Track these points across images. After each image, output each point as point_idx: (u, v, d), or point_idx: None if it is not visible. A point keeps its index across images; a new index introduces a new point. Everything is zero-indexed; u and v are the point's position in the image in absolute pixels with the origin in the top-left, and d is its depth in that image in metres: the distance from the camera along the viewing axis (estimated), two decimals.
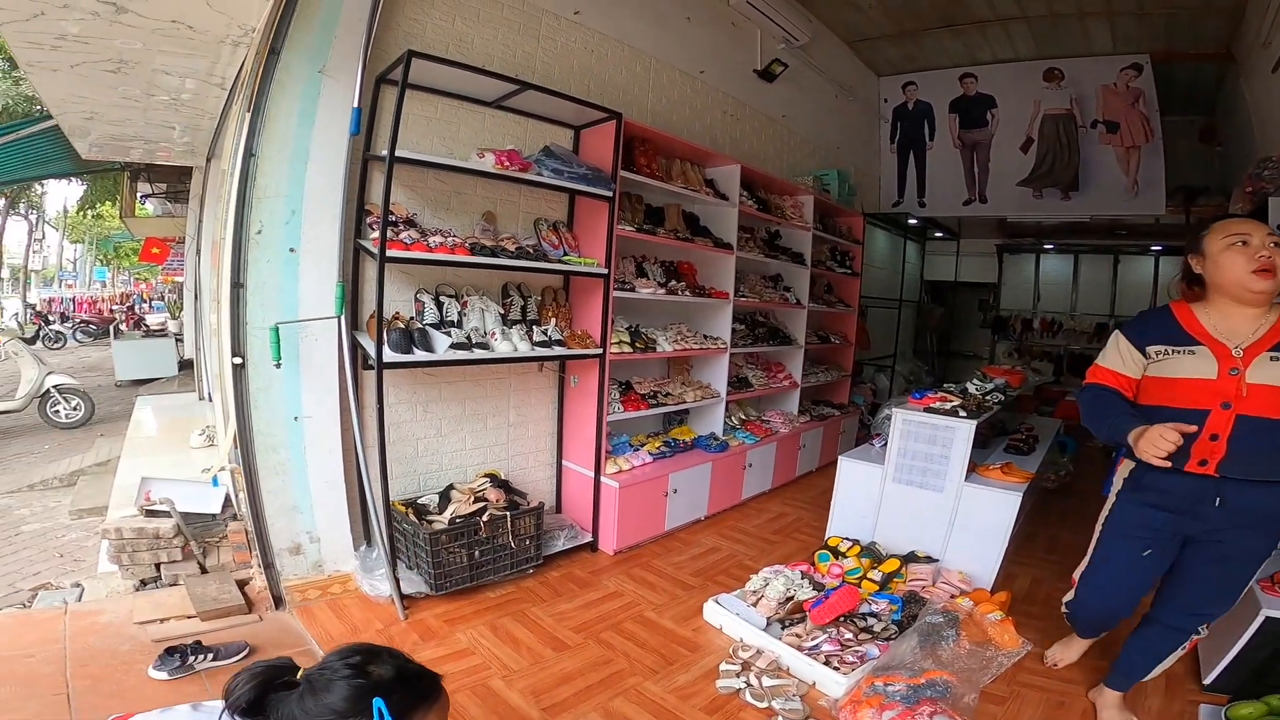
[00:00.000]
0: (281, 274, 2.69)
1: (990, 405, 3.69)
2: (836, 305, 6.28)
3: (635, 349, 3.87)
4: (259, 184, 2.65)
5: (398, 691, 1.07)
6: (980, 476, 3.47)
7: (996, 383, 4.10)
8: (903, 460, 3.57)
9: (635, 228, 3.80)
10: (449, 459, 3.53)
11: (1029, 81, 6.50)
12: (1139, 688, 2.55)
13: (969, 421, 3.33)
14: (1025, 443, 4.26)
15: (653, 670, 2.60)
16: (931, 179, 7.30)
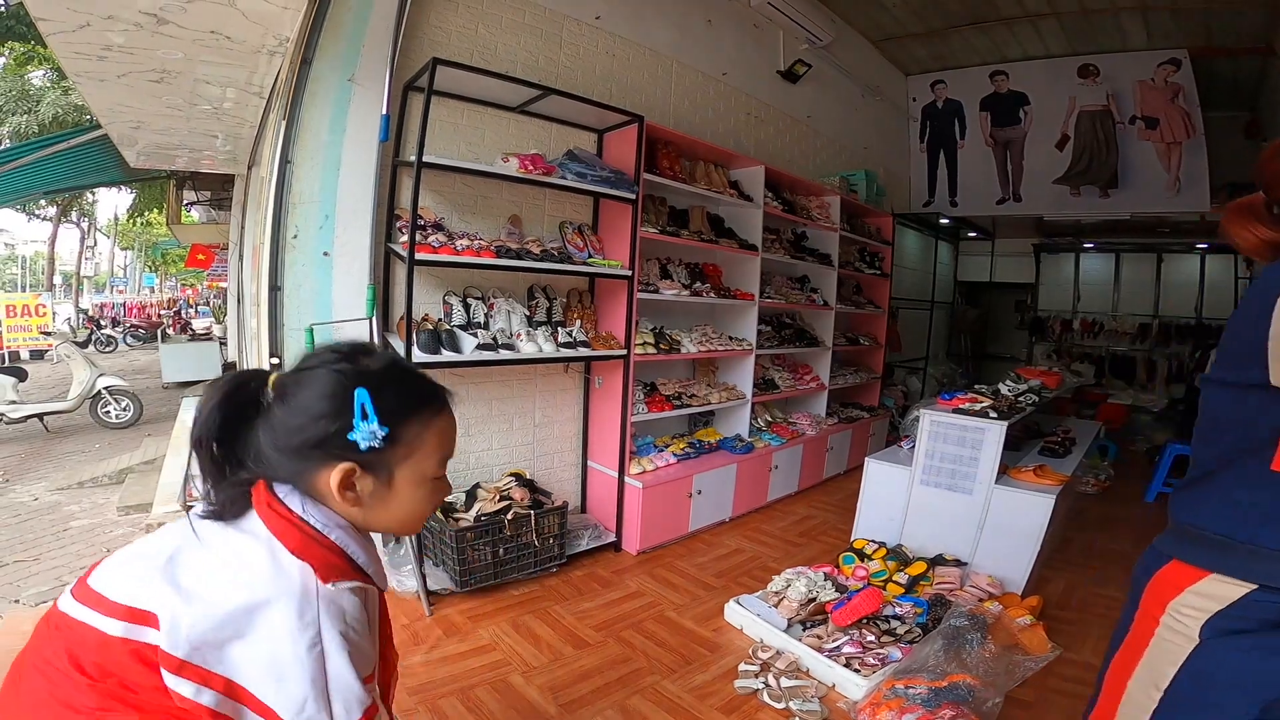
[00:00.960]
0: (316, 277, 2.79)
1: (1023, 407, 3.62)
2: (866, 306, 6.21)
3: (660, 350, 3.89)
4: (294, 190, 2.75)
5: (389, 387, 0.91)
6: (1011, 479, 3.41)
7: (1031, 384, 4.02)
8: (931, 462, 3.52)
9: (659, 230, 3.82)
10: (475, 459, 3.59)
11: (1063, 78, 6.35)
12: None
13: (999, 423, 3.27)
14: (1061, 445, 4.16)
15: (671, 669, 2.61)
16: (963, 178, 7.18)
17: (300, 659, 0.83)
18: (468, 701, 2.31)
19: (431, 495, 0.99)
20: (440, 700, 2.30)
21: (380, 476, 0.93)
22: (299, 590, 0.85)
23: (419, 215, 2.81)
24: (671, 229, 3.98)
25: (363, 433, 0.87)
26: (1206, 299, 7.40)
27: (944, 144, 7.21)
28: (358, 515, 0.95)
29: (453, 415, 1.02)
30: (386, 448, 0.90)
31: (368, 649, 0.91)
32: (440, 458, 0.98)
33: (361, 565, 0.95)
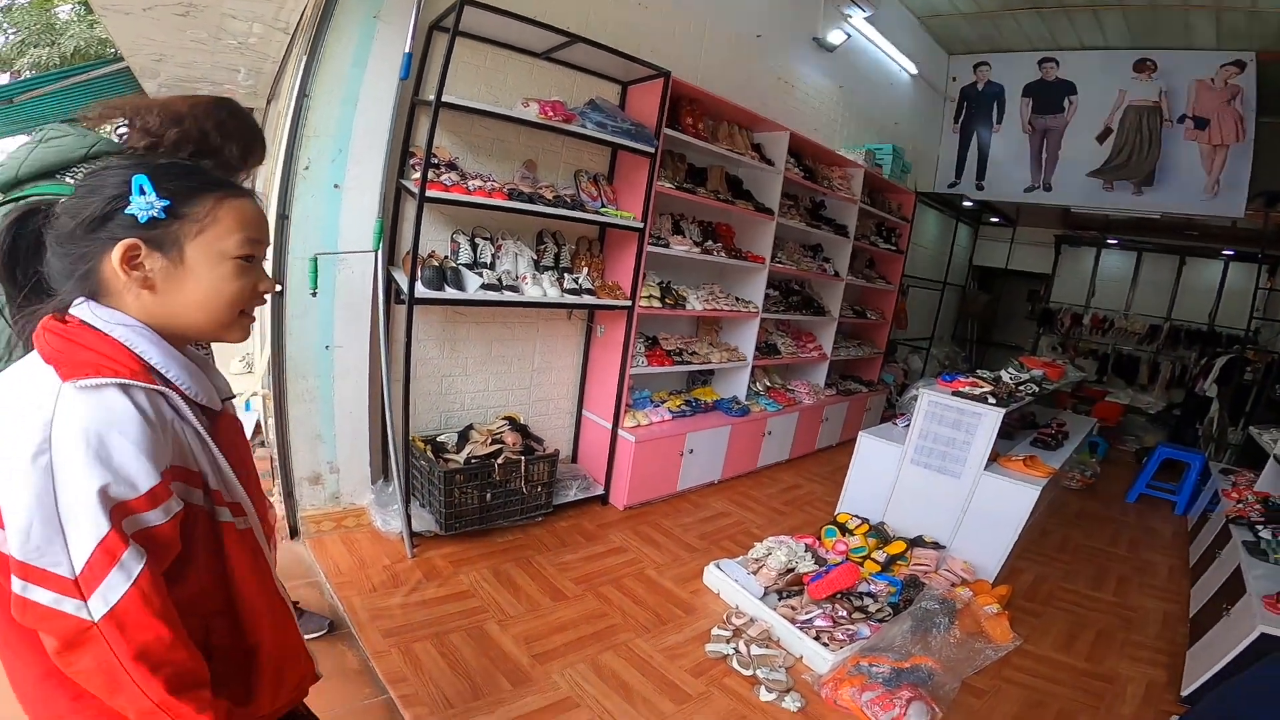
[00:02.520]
0: (325, 208, 2.76)
1: (1022, 396, 3.61)
2: (876, 281, 6.15)
3: (665, 304, 3.86)
4: (310, 123, 2.70)
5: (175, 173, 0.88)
6: (1001, 467, 3.42)
7: (1033, 374, 4.00)
8: (923, 442, 3.54)
9: (675, 185, 3.75)
10: (471, 399, 3.60)
11: (1116, 71, 6.13)
12: (1115, 690, 2.61)
13: (996, 409, 3.26)
14: (1054, 438, 4.17)
15: (646, 628, 2.67)
16: (994, 162, 7.02)
17: (23, 471, 0.74)
18: (441, 646, 2.35)
19: (236, 276, 0.91)
20: (415, 644, 2.34)
21: (169, 253, 0.86)
22: (31, 391, 0.78)
23: (434, 154, 2.77)
24: (688, 186, 3.90)
25: (139, 204, 0.82)
26: (1223, 306, 7.29)
27: (978, 127, 7.04)
28: (155, 306, 0.87)
29: (256, 204, 0.95)
30: (173, 222, 0.85)
31: (135, 465, 0.79)
32: (242, 237, 0.90)
33: (156, 366, 0.86)
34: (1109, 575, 3.79)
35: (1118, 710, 2.51)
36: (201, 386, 0.93)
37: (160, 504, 0.82)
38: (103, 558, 0.77)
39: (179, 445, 0.87)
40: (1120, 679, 2.72)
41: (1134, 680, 2.73)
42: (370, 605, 2.53)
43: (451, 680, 2.17)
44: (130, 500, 0.79)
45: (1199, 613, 3.22)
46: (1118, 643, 3.03)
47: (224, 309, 0.91)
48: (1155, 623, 3.28)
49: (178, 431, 0.86)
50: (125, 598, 0.78)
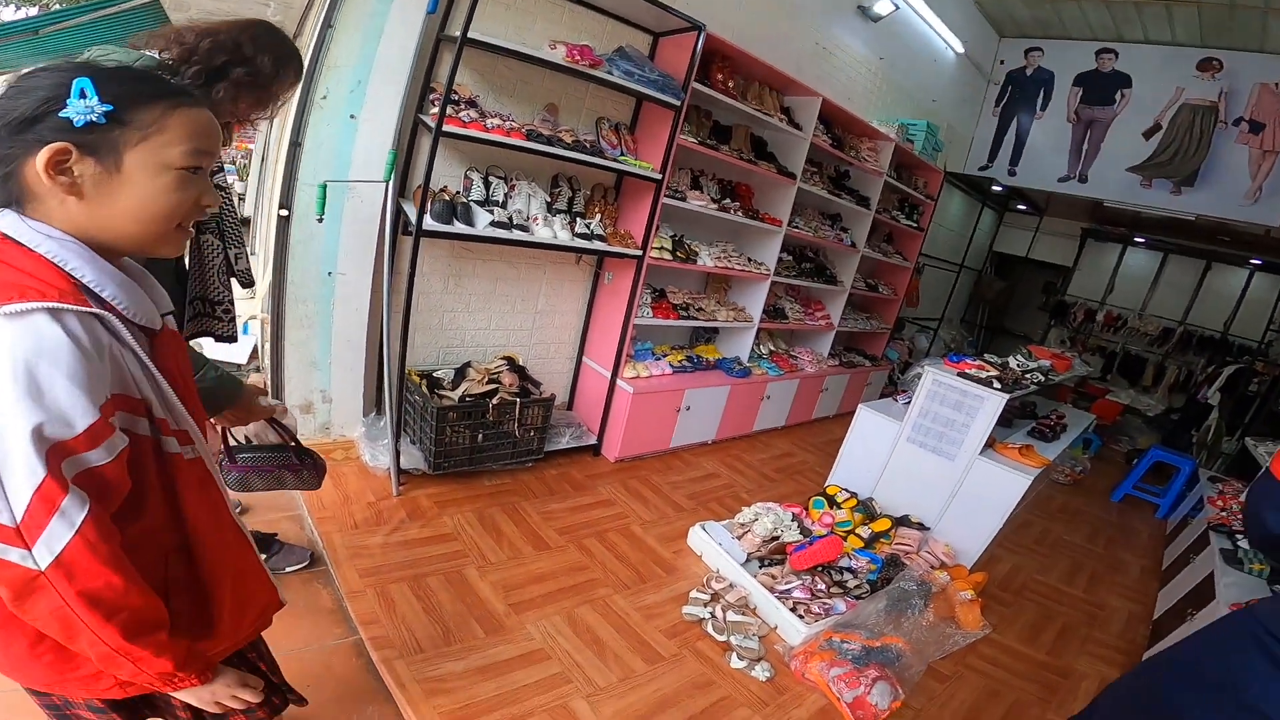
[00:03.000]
0: (339, 138, 2.69)
1: (1027, 384, 3.56)
2: (893, 256, 6.05)
3: (676, 257, 3.79)
4: (331, 54, 2.64)
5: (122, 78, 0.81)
6: (995, 453, 3.40)
7: (1040, 363, 3.95)
8: (922, 421, 3.51)
9: (699, 141, 3.64)
10: (472, 336, 3.56)
11: (1178, 67, 5.91)
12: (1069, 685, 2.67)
13: (1000, 394, 3.21)
14: (1052, 429, 4.13)
15: (625, 585, 2.69)
16: (1030, 149, 6.86)
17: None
18: (418, 589, 2.36)
19: (178, 188, 0.84)
20: (391, 585, 2.34)
21: (104, 159, 0.78)
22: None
23: (454, 90, 2.72)
24: (711, 142, 3.78)
25: (76, 108, 0.75)
26: (1240, 315, 7.19)
27: (1020, 112, 6.87)
28: (82, 216, 0.80)
29: (209, 115, 0.88)
30: (114, 128, 0.78)
31: (70, 400, 0.73)
32: (189, 148, 0.83)
33: (90, 285, 0.79)
34: (1082, 571, 3.83)
35: (1068, 705, 2.55)
36: (140, 305, 0.86)
37: (101, 442, 0.77)
38: (41, 505, 0.73)
39: (120, 372, 0.81)
40: (1076, 674, 2.77)
41: (1089, 677, 2.77)
42: (350, 543, 2.53)
43: (424, 624, 2.18)
44: (68, 440, 0.74)
45: (1163, 615, 3.26)
46: (1079, 638, 3.08)
47: (160, 221, 0.84)
48: (1119, 621, 3.32)
49: (117, 357, 0.80)
50: (70, 546, 0.74)
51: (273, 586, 1.16)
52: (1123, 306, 8.24)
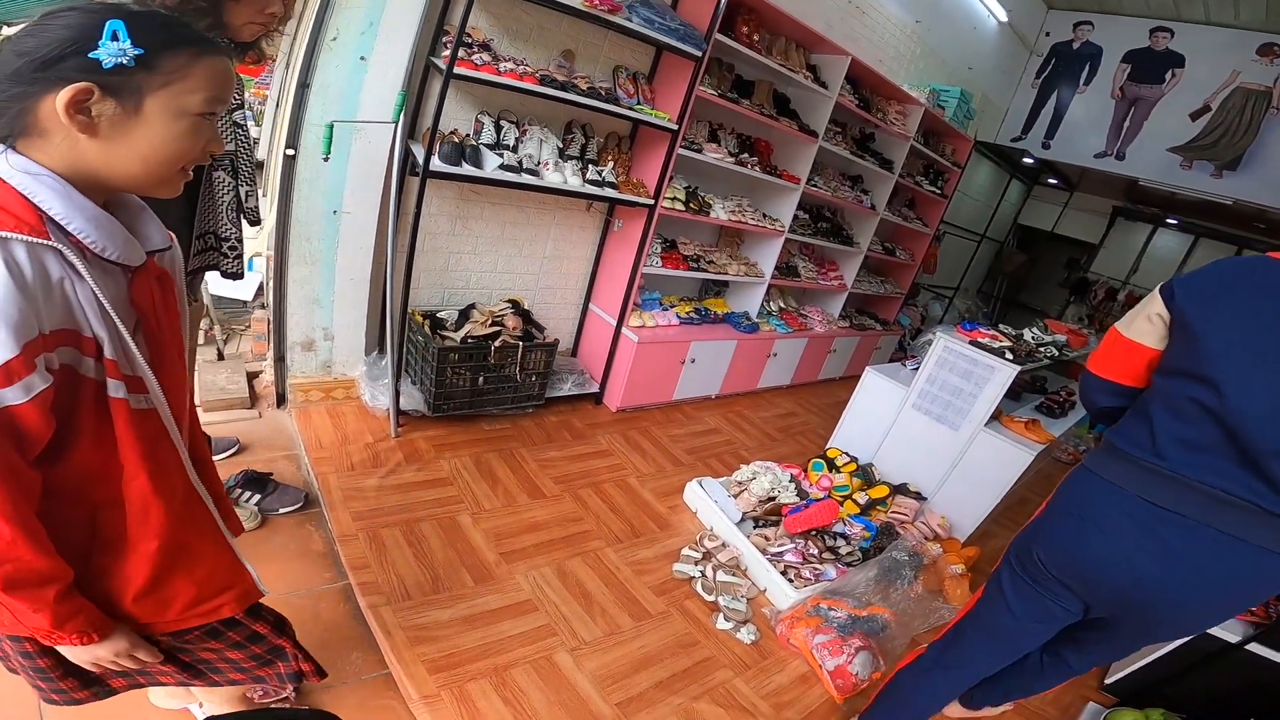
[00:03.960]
0: (348, 79, 2.62)
1: (1040, 358, 3.48)
2: (913, 221, 5.91)
3: (689, 209, 3.71)
4: None
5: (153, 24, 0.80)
6: (1001, 426, 3.35)
7: (1055, 338, 3.85)
8: (929, 388, 3.45)
9: (718, 93, 3.50)
10: (477, 279, 3.50)
11: (1236, 51, 5.63)
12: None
13: (1011, 366, 3.14)
14: (1060, 405, 4.06)
15: (617, 539, 2.70)
16: (1068, 124, 6.67)
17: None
18: (410, 535, 2.36)
19: (191, 135, 0.85)
20: (383, 530, 2.35)
21: (126, 101, 0.79)
22: None
23: (468, 33, 2.67)
24: (732, 96, 3.64)
25: (109, 50, 0.75)
26: None
27: (1061, 85, 6.65)
28: (90, 155, 0.80)
29: (228, 63, 0.89)
30: (138, 72, 0.78)
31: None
32: (208, 95, 0.85)
33: (56, 218, 0.77)
34: None
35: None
36: (113, 240, 0.83)
37: (18, 380, 0.73)
38: None
39: (66, 307, 0.79)
40: None
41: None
42: (346, 485, 2.53)
43: (414, 571, 2.20)
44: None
45: None
46: None
47: (167, 164, 0.85)
48: None
49: (68, 292, 0.78)
50: None
51: (243, 573, 1.12)
52: (1146, 287, 7.95)
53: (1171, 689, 2.43)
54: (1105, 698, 2.57)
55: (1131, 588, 1.42)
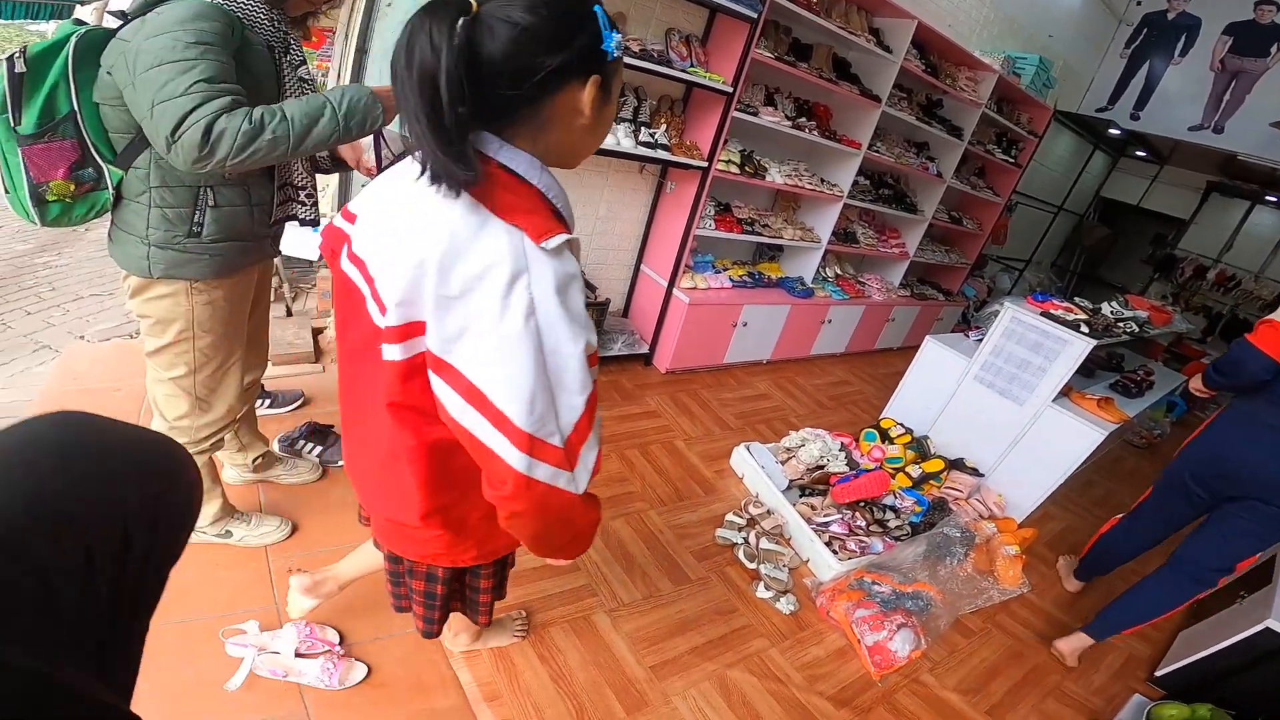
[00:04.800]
0: None
1: (1118, 333, 3.29)
2: (983, 190, 5.64)
3: (744, 172, 3.62)
4: None
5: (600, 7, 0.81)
6: (1070, 402, 3.20)
7: (1136, 313, 3.63)
8: (994, 360, 3.32)
9: (775, 56, 3.38)
10: None
11: None
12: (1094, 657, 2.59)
13: (1087, 340, 2.96)
14: (1137, 385, 3.84)
15: (662, 501, 2.70)
16: (1161, 95, 6.35)
17: (518, 336, 0.74)
18: None
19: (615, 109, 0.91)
20: None
21: (606, 90, 0.83)
22: (509, 256, 0.74)
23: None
24: (789, 59, 3.51)
25: (614, 41, 0.79)
26: None
27: (1154, 56, 6.32)
28: (574, 139, 0.85)
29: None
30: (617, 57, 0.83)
31: (584, 314, 0.79)
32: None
33: (562, 212, 0.85)
34: None
35: (1089, 678, 2.49)
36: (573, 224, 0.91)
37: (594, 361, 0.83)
38: (586, 424, 0.80)
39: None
40: (1104, 647, 2.66)
41: (1116, 650, 2.69)
42: None
43: None
44: (592, 354, 0.81)
45: (1208, 597, 3.09)
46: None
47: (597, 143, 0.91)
48: None
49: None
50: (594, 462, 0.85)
51: None
52: (1239, 267, 7.57)
53: (1224, 685, 2.34)
54: (1153, 690, 2.48)
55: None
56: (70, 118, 1.30)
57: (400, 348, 0.81)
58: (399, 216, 0.83)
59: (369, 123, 1.37)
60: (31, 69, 1.24)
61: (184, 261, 1.45)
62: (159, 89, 1.18)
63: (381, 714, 1.63)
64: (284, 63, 1.46)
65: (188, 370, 1.59)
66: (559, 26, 0.75)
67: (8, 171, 1.29)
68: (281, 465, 2.26)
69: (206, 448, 1.74)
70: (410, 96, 0.72)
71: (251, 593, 1.85)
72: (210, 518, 1.89)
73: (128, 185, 1.39)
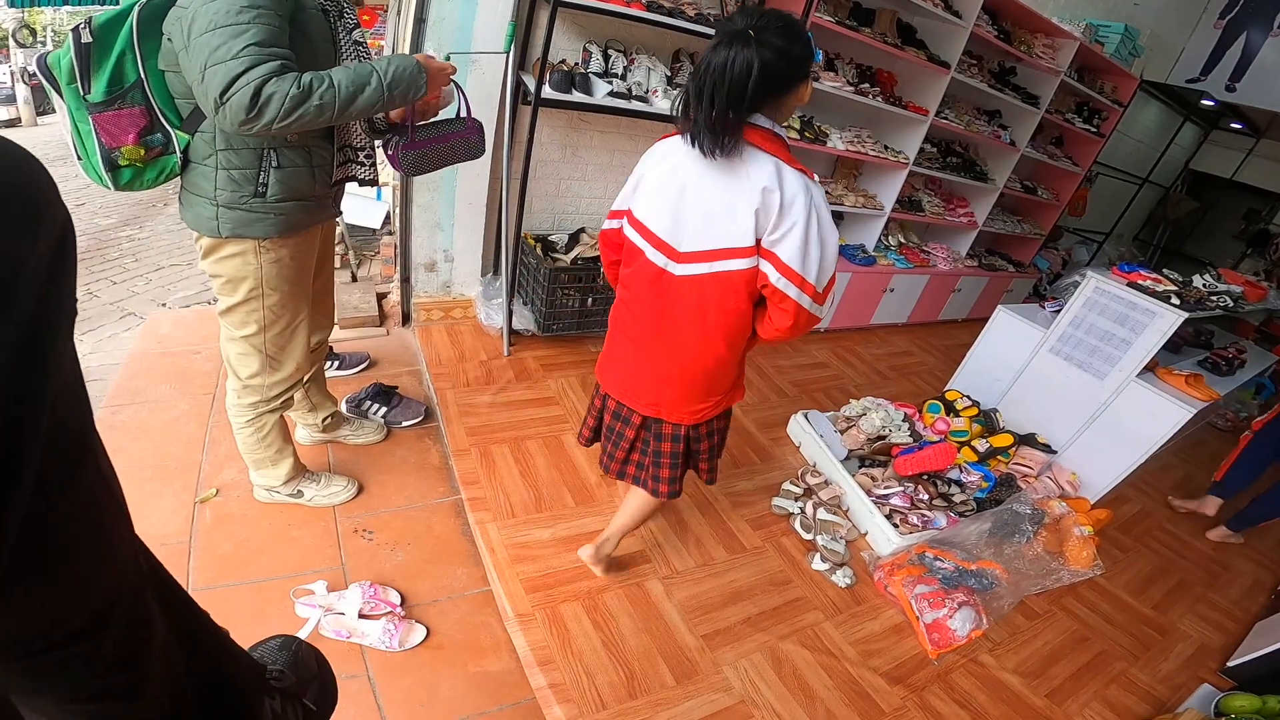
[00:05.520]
0: (460, 13, 2.64)
1: (1212, 306, 3.08)
2: (1060, 160, 5.35)
3: (804, 137, 3.55)
4: None
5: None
6: (1156, 378, 3.02)
7: (1230, 288, 3.38)
8: (1073, 331, 3.16)
9: (836, 20, 3.27)
10: (587, 204, 3.51)
11: None
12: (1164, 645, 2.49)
13: (1178, 312, 2.78)
14: (1228, 363, 3.56)
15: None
16: (1259, 66, 5.87)
17: (814, 236, 1.32)
18: (517, 451, 2.45)
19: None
20: (493, 445, 2.45)
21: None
22: (805, 188, 1.31)
23: None
24: (850, 24, 3.39)
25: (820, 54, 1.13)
26: None
27: (1253, 25, 5.85)
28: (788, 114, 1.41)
29: None
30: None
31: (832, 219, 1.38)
32: None
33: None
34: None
35: (1156, 666, 2.38)
36: None
37: None
38: (832, 282, 1.40)
39: None
40: (1175, 634, 2.56)
41: (1188, 639, 2.56)
42: (461, 401, 2.65)
43: (520, 488, 2.29)
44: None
45: None
46: (1192, 598, 2.82)
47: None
48: (1240, 587, 2.99)
49: None
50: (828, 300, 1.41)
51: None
52: None
53: None
54: (1223, 681, 2.35)
55: None
56: (138, 85, 1.35)
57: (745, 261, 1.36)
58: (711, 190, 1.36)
59: (412, 92, 1.46)
60: (98, 39, 1.28)
61: (251, 221, 1.49)
62: (211, 52, 1.22)
63: (438, 676, 1.69)
64: (339, 25, 1.48)
65: (258, 328, 1.65)
66: (803, 49, 1.28)
67: (80, 139, 1.34)
68: (348, 426, 2.34)
69: (278, 405, 1.81)
70: (718, 94, 1.24)
71: (321, 552, 1.92)
72: (283, 477, 1.97)
73: (194, 149, 1.43)
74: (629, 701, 1.72)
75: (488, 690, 1.68)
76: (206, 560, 1.81)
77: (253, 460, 1.92)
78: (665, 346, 1.53)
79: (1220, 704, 2.14)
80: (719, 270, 1.38)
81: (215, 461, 2.14)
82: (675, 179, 1.40)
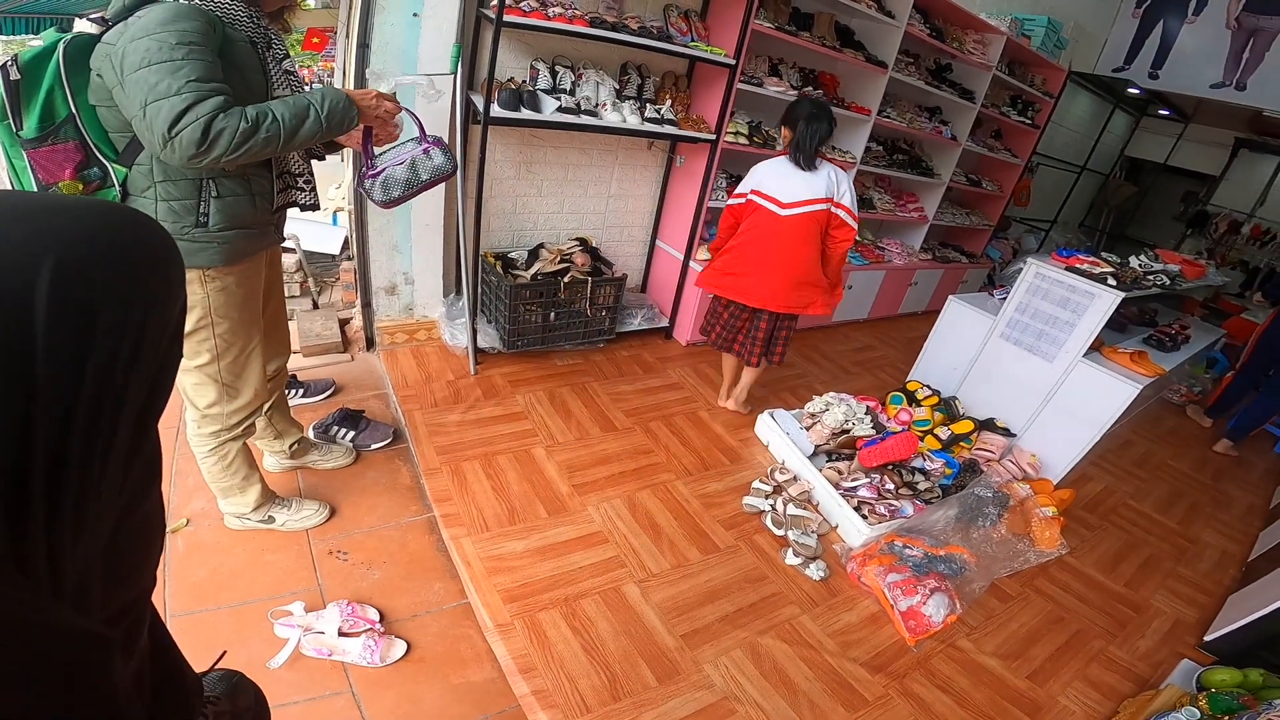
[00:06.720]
0: (404, 36, 2.65)
1: (1148, 285, 3.20)
2: (1000, 152, 5.53)
3: (753, 143, 3.61)
4: None
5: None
6: (1102, 357, 3.13)
7: (1167, 267, 3.51)
8: (1020, 317, 3.26)
9: (776, 27, 3.34)
10: (544, 219, 3.52)
11: None
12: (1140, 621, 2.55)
13: (1114, 292, 2.89)
14: (1172, 339, 3.71)
15: (687, 471, 2.71)
16: (1178, 54, 6.14)
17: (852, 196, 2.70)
18: (489, 468, 2.45)
19: None
20: (464, 463, 2.45)
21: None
22: (846, 175, 2.68)
23: None
24: (790, 29, 3.47)
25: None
26: None
27: (1168, 15, 6.12)
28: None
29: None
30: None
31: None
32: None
33: None
34: (1180, 501, 3.56)
35: (1134, 643, 2.44)
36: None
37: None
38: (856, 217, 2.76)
39: None
40: (1149, 610, 2.62)
41: (1163, 615, 2.62)
42: (430, 421, 2.64)
43: (493, 503, 2.29)
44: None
45: (1259, 558, 3.02)
46: (1162, 573, 2.89)
47: None
48: (1209, 560, 3.08)
49: None
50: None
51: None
52: (1275, 220, 7.43)
53: (1276, 648, 2.27)
54: (1202, 655, 2.42)
55: None
56: (70, 120, 1.34)
57: (820, 207, 2.65)
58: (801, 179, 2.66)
59: (346, 122, 1.51)
60: (26, 75, 1.28)
61: (194, 251, 1.49)
62: (150, 89, 1.22)
63: (422, 689, 1.68)
64: (268, 57, 1.49)
65: (211, 357, 1.64)
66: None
67: (16, 175, 1.33)
68: (316, 451, 2.32)
69: (239, 432, 1.80)
70: (815, 138, 2.62)
71: (296, 575, 1.91)
72: (252, 504, 1.95)
73: (133, 181, 1.42)
74: (612, 704, 1.72)
75: (472, 700, 1.69)
76: (182, 588, 1.79)
77: (220, 489, 1.90)
78: (776, 258, 2.72)
79: (1201, 678, 2.18)
80: (807, 212, 2.65)
81: (184, 492, 2.11)
82: (784, 172, 2.68)
